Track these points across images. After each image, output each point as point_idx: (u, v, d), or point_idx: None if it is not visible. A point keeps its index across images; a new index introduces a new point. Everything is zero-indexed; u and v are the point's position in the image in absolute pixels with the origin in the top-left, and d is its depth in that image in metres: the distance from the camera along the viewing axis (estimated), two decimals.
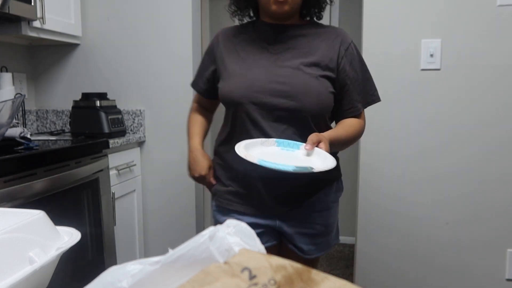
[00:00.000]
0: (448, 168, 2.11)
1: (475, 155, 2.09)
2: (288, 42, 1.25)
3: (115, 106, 2.40)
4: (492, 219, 2.10)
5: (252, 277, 0.38)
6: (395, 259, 2.20)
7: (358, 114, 1.31)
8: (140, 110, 2.48)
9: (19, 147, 1.70)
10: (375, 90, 1.33)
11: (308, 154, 1.11)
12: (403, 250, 2.19)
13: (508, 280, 2.11)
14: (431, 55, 2.07)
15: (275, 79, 1.20)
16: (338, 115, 1.31)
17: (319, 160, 1.08)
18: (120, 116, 2.37)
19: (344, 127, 1.28)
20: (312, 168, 1.01)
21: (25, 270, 0.42)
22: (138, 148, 2.45)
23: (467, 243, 2.13)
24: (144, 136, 2.47)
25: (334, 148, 1.19)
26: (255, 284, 0.38)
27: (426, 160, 2.13)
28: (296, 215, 1.29)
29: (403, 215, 2.17)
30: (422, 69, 2.09)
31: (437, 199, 2.14)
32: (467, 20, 2.04)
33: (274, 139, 1.17)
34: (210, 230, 0.42)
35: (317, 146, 1.12)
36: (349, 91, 1.26)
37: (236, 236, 0.43)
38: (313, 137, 1.12)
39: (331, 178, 1.30)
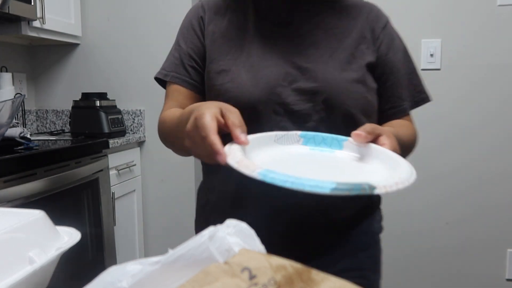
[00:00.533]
0: (448, 168, 2.11)
1: (475, 155, 2.09)
2: (310, 21, 0.88)
3: (115, 106, 2.40)
4: (492, 219, 2.10)
5: (252, 277, 0.38)
6: (395, 259, 2.20)
7: (403, 117, 0.95)
8: (140, 110, 2.48)
9: (19, 147, 1.70)
10: (423, 85, 0.98)
11: (362, 158, 0.67)
12: (403, 250, 2.19)
13: (508, 280, 2.11)
14: (431, 55, 2.08)
15: (304, 74, 0.83)
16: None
17: (383, 166, 0.62)
18: (120, 116, 2.37)
19: (396, 126, 0.89)
20: (373, 188, 0.52)
21: (25, 270, 0.42)
22: (138, 148, 2.45)
23: (467, 243, 2.13)
24: (144, 136, 2.47)
25: None
26: (255, 284, 0.38)
27: (426, 160, 2.13)
28: (331, 262, 0.85)
29: (403, 215, 2.17)
30: (422, 69, 2.09)
31: (437, 199, 2.14)
32: (467, 20, 2.04)
33: (299, 133, 0.72)
34: (210, 230, 0.42)
35: (374, 142, 0.68)
36: (388, 83, 0.91)
37: (236, 236, 0.43)
38: (367, 126, 0.69)
39: (374, 203, 0.95)
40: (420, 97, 0.97)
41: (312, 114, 0.82)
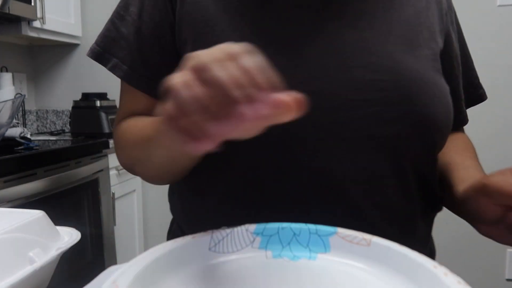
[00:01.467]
0: None
1: None
2: None
3: (115, 106, 2.40)
4: None
5: None
6: None
7: (460, 130, 0.68)
8: None
9: (19, 147, 1.70)
10: (479, 79, 0.72)
11: (367, 267, 0.38)
12: None
13: (508, 280, 2.11)
14: None
15: (358, 55, 0.50)
16: None
17: (408, 284, 0.36)
18: None
19: (465, 155, 0.63)
20: None
21: (25, 270, 0.42)
22: None
23: (467, 243, 2.13)
24: None
25: None
26: None
27: None
28: None
29: None
30: None
31: None
32: (467, 20, 2.04)
33: (251, 227, 0.41)
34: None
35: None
36: (455, 81, 0.62)
37: None
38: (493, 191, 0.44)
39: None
40: (477, 94, 0.69)
41: (376, 126, 0.48)
